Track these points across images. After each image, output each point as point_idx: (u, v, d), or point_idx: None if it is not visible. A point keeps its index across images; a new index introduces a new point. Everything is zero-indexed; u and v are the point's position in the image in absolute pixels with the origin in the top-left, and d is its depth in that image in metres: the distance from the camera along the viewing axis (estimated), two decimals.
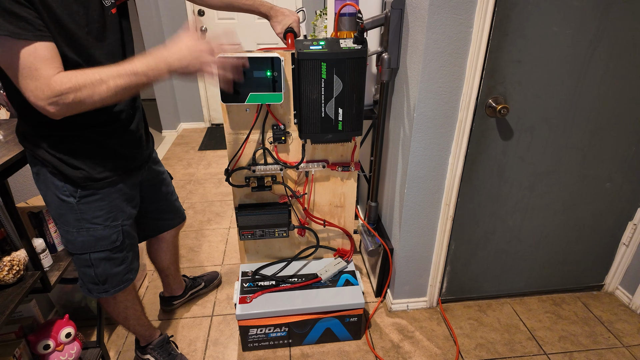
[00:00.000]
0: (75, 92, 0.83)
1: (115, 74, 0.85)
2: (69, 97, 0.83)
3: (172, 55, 0.87)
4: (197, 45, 0.88)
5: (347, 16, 1.36)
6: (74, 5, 0.89)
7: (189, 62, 0.88)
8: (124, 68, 0.85)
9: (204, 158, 3.28)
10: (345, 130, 1.34)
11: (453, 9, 1.18)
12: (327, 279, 1.59)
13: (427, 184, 1.48)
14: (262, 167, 1.45)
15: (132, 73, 0.85)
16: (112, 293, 1.21)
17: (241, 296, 1.51)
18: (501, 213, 1.59)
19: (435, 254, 1.63)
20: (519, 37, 1.26)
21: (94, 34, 0.95)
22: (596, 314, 1.72)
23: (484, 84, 1.32)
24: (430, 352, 1.55)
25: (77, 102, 0.84)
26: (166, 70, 0.87)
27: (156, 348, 1.44)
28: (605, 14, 1.26)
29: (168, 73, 0.88)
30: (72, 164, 1.02)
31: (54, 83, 0.81)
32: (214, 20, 3.53)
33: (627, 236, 1.70)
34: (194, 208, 2.55)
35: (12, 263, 1.10)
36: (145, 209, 1.34)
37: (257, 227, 1.54)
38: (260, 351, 1.55)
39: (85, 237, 1.10)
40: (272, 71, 1.22)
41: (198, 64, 0.89)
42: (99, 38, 0.96)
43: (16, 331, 1.26)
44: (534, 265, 1.74)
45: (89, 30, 0.93)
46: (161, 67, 0.87)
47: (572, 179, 1.55)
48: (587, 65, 1.33)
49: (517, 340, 1.60)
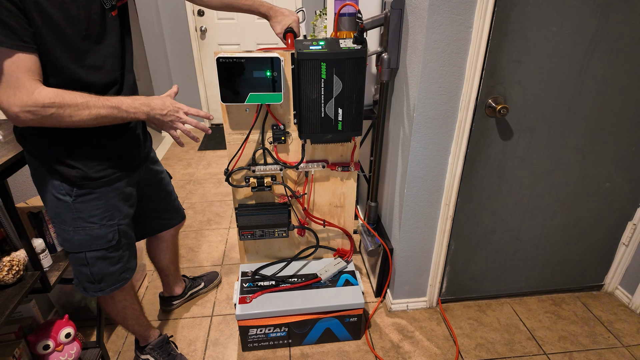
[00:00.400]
0: (57, 108, 0.87)
1: (100, 104, 0.93)
2: (48, 111, 0.86)
3: (156, 104, 1.03)
4: (176, 104, 1.07)
5: (346, 16, 1.36)
6: (73, 9, 0.90)
7: (167, 113, 1.05)
8: (110, 101, 0.95)
9: (203, 158, 3.28)
10: (345, 130, 1.34)
11: (453, 9, 1.18)
12: (326, 279, 1.59)
13: (427, 183, 1.48)
14: (261, 167, 1.45)
15: (115, 107, 0.96)
16: (108, 292, 1.21)
17: (241, 296, 1.51)
18: (501, 213, 1.59)
19: (435, 254, 1.63)
20: (518, 37, 1.26)
21: (92, 38, 0.96)
22: (596, 314, 1.73)
23: (484, 84, 1.32)
24: (430, 352, 1.55)
25: (56, 117, 0.89)
26: (146, 113, 1.02)
27: (155, 348, 1.44)
28: (605, 14, 1.26)
29: (146, 115, 1.03)
30: (68, 163, 1.02)
31: (38, 95, 0.85)
32: (213, 20, 3.53)
33: (626, 236, 1.70)
34: (193, 208, 2.55)
35: (12, 263, 1.10)
36: (144, 208, 1.34)
37: (257, 227, 1.54)
38: (260, 351, 1.55)
39: (82, 236, 1.10)
40: (271, 71, 1.22)
41: (173, 117, 1.06)
42: (97, 41, 0.97)
43: (16, 331, 1.26)
44: (534, 265, 1.74)
45: (88, 34, 0.94)
46: (143, 109, 1.01)
47: (571, 179, 1.55)
48: (586, 65, 1.33)
49: (517, 340, 1.60)
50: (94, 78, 0.98)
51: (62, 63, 0.91)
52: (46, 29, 0.86)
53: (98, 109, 0.93)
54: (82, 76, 0.95)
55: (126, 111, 0.98)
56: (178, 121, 1.07)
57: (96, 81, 0.99)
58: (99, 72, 0.99)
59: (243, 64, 1.21)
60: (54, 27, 0.87)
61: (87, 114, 0.91)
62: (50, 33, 0.87)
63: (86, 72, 0.96)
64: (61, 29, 0.88)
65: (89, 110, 0.92)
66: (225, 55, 1.20)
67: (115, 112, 0.96)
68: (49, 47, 0.88)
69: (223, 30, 3.59)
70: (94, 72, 0.98)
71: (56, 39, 0.88)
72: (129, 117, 0.99)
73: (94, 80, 0.98)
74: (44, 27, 0.86)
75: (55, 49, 0.89)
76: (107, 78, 1.02)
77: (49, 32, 0.87)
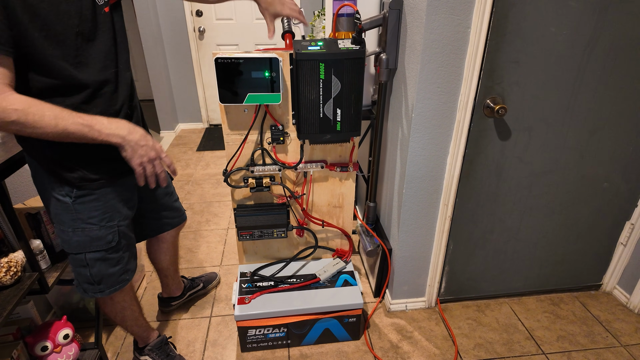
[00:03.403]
0: (20, 114, 0.84)
1: (71, 120, 0.89)
2: (11, 116, 0.83)
3: (138, 133, 0.98)
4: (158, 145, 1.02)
5: (345, 17, 1.36)
6: (63, 4, 0.88)
7: (146, 145, 0.99)
8: (82, 118, 0.90)
9: (202, 159, 3.28)
10: (343, 131, 1.34)
11: (451, 9, 1.18)
12: (325, 279, 1.59)
13: (426, 184, 1.48)
14: (260, 168, 1.45)
15: (87, 125, 0.91)
16: (108, 293, 1.21)
17: (240, 297, 1.50)
18: (499, 213, 1.59)
19: (433, 254, 1.63)
20: (516, 38, 1.26)
21: (85, 35, 0.94)
22: (594, 314, 1.73)
23: (482, 84, 1.32)
24: (429, 352, 1.55)
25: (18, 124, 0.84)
26: (122, 137, 0.95)
27: (154, 349, 1.44)
28: (602, 15, 1.26)
29: (122, 139, 0.95)
30: (67, 164, 1.02)
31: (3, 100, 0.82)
32: (212, 21, 3.53)
33: (624, 236, 1.70)
34: (192, 209, 2.55)
35: (10, 264, 1.10)
36: (144, 209, 1.34)
37: (256, 228, 1.54)
38: (259, 352, 1.55)
39: (81, 237, 1.09)
40: (270, 72, 1.22)
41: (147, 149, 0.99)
42: (90, 38, 0.96)
43: (14, 333, 1.26)
44: (532, 265, 1.74)
45: (80, 31, 0.93)
46: (120, 132, 0.95)
47: (569, 179, 1.55)
48: (584, 66, 1.34)
49: (516, 340, 1.60)
50: (86, 76, 0.96)
51: (52, 60, 0.90)
52: (34, 25, 0.84)
53: (66, 124, 0.88)
54: (73, 74, 0.94)
55: (98, 131, 0.92)
56: (150, 161, 1.00)
57: (89, 79, 0.97)
58: (91, 69, 0.97)
59: (241, 64, 1.21)
60: (42, 23, 0.85)
61: (52, 127, 0.87)
62: (39, 30, 0.85)
63: (78, 69, 0.95)
64: (51, 25, 0.87)
65: (55, 122, 0.87)
66: (223, 56, 1.20)
67: (86, 131, 0.91)
68: (37, 44, 0.86)
69: (221, 31, 3.58)
70: (86, 70, 0.96)
71: (45, 36, 0.87)
72: (101, 138, 0.93)
73: (87, 78, 0.97)
74: (31, 24, 0.84)
75: (45, 46, 0.87)
76: (100, 76, 1.00)
77: (38, 29, 0.85)
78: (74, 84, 0.94)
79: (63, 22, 0.89)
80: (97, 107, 1.01)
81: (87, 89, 0.97)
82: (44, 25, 0.86)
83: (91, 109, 1.00)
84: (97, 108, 1.01)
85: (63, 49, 0.91)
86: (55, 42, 0.89)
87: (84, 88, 0.96)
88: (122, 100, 1.07)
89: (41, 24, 0.85)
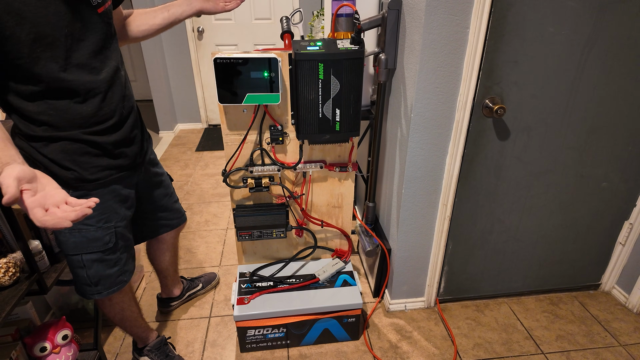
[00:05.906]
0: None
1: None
2: None
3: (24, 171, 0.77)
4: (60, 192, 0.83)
5: (344, 17, 1.36)
6: (52, 5, 0.87)
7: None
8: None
9: (201, 159, 3.28)
10: (342, 131, 1.34)
11: (449, 9, 1.18)
12: (325, 279, 1.59)
13: (425, 184, 1.48)
14: (259, 168, 1.45)
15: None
16: (106, 295, 1.20)
17: (239, 297, 1.50)
18: (498, 213, 1.59)
19: (432, 254, 1.64)
20: (515, 38, 1.26)
21: (75, 36, 0.93)
22: (593, 313, 1.73)
23: (481, 85, 1.32)
24: (428, 352, 1.55)
25: None
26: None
27: (153, 350, 1.44)
28: (601, 15, 1.26)
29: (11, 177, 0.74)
30: (63, 164, 1.01)
31: None
32: (211, 21, 3.53)
33: (623, 235, 1.71)
34: (191, 209, 2.55)
35: (8, 265, 1.10)
36: (144, 210, 1.34)
37: (255, 228, 1.54)
38: (258, 352, 1.55)
39: (78, 238, 1.09)
40: (269, 72, 1.22)
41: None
42: (80, 38, 0.95)
43: (12, 334, 1.25)
44: (531, 264, 1.74)
45: (71, 31, 0.92)
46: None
47: (568, 179, 1.55)
48: (583, 66, 1.34)
49: (515, 340, 1.61)
50: (77, 77, 0.96)
51: (42, 62, 0.89)
52: (20, 28, 0.84)
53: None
54: (62, 75, 0.93)
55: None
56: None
57: (79, 79, 0.96)
58: (81, 70, 0.97)
59: (240, 64, 1.21)
60: (30, 25, 0.85)
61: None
62: (27, 32, 0.85)
63: (68, 70, 0.94)
64: (41, 27, 0.86)
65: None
66: (222, 56, 1.20)
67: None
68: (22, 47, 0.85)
69: (220, 31, 3.58)
70: (76, 71, 0.96)
71: (34, 39, 0.86)
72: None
73: (77, 79, 0.96)
74: (18, 27, 0.83)
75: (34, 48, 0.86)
76: (91, 76, 0.99)
77: (25, 31, 0.84)
78: (62, 86, 0.94)
79: (52, 23, 0.88)
80: (90, 108, 1.00)
81: (77, 90, 0.96)
82: (31, 27, 0.85)
83: (84, 109, 0.99)
84: (90, 108, 1.00)
85: (53, 50, 0.90)
86: (45, 44, 0.88)
87: (74, 89, 0.95)
88: (116, 101, 1.07)
89: (29, 25, 0.84)
